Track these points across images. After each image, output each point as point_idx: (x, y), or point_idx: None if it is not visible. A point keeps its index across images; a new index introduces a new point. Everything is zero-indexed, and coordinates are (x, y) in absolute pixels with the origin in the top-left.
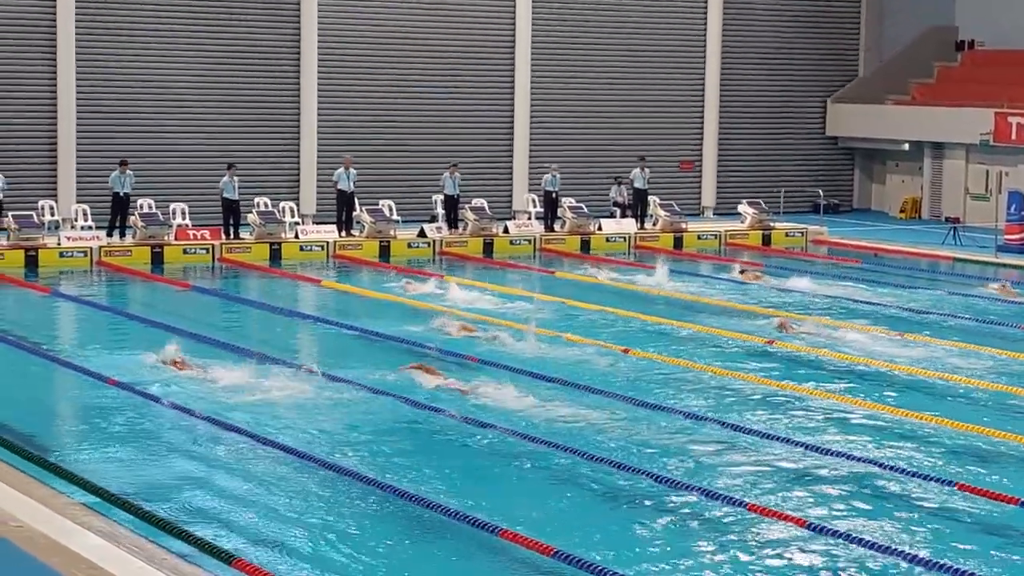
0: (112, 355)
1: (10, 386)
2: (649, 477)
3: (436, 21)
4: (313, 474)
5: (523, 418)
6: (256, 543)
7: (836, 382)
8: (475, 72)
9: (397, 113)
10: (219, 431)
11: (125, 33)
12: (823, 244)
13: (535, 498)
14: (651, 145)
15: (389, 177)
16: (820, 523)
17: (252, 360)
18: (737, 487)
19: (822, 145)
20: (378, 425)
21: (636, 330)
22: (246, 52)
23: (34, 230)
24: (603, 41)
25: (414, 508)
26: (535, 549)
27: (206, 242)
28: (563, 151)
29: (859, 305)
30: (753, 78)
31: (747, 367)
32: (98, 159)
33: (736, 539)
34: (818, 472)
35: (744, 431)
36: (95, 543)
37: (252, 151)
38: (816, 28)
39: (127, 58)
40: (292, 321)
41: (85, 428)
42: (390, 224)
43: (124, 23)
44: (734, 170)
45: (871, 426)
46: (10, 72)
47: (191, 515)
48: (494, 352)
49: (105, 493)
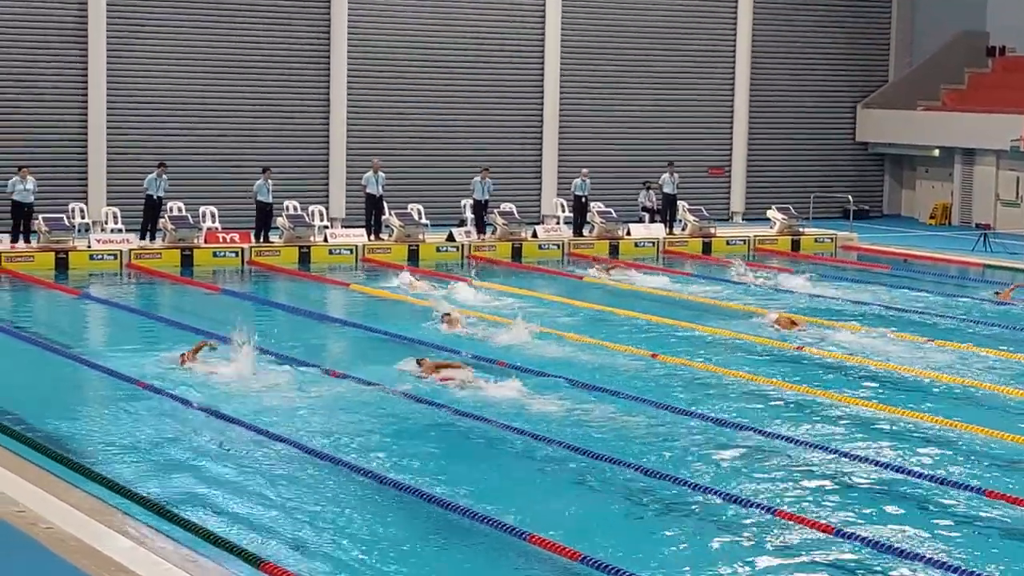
0: (141, 357)
1: (40, 388)
2: (676, 482)
3: (465, 26)
4: (341, 478)
5: (549, 421)
6: (283, 546)
7: (863, 388)
8: (504, 76)
9: (426, 117)
10: (248, 433)
11: (155, 37)
12: (853, 250)
13: (561, 502)
14: (680, 150)
15: (418, 181)
16: (848, 529)
17: (281, 363)
18: (765, 492)
19: (852, 151)
20: (405, 428)
21: (664, 335)
22: (275, 56)
23: (64, 232)
24: (632, 46)
25: (440, 512)
26: (563, 554)
27: (236, 245)
28: (592, 156)
29: (888, 311)
30: (783, 83)
31: (774, 372)
32: (128, 162)
33: (764, 545)
34: (845, 478)
35: (772, 436)
36: (125, 546)
37: (281, 155)
38: (846, 33)
39: (157, 62)
40: (321, 324)
41: (114, 430)
42: (419, 228)
43: (155, 26)
44: (763, 175)
45: (898, 432)
46: (42, 75)
47: (220, 518)
48: (518, 355)
49: (135, 495)
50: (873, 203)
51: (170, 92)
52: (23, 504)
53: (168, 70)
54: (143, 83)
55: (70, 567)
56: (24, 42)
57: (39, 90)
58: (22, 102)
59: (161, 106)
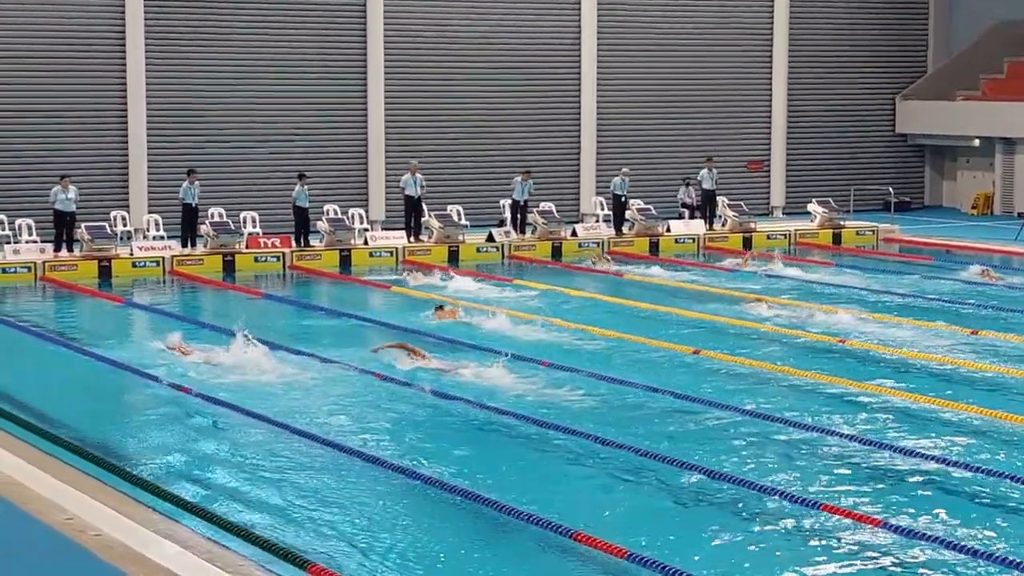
0: (186, 364)
1: (86, 396)
2: (719, 478)
3: (502, 26)
4: (383, 478)
5: (590, 417)
6: (329, 548)
7: (907, 380)
8: (541, 76)
9: (463, 118)
10: (293, 438)
11: (194, 45)
12: (894, 242)
13: (603, 497)
14: (719, 146)
15: (457, 182)
16: (895, 522)
17: (326, 365)
18: (808, 486)
19: (892, 142)
20: (446, 426)
21: (705, 330)
22: (313, 61)
23: (107, 240)
24: (669, 42)
25: (479, 507)
26: (608, 551)
27: (277, 250)
28: (631, 153)
29: (930, 303)
30: (821, 76)
31: (817, 366)
32: (169, 169)
33: (808, 538)
34: (893, 471)
35: (816, 430)
36: (172, 551)
37: (321, 159)
38: (884, 25)
39: (196, 70)
40: (363, 327)
41: (160, 437)
42: (458, 229)
43: (193, 35)
44: (803, 169)
45: (946, 424)
46: (82, 86)
47: (266, 521)
48: (560, 351)
49: (181, 501)
50: (914, 195)
51: (208, 100)
52: (72, 512)
53: (206, 78)
54: (182, 91)
55: (120, 573)
56: (64, 54)
57: (80, 100)
58: (63, 113)
59: (200, 114)
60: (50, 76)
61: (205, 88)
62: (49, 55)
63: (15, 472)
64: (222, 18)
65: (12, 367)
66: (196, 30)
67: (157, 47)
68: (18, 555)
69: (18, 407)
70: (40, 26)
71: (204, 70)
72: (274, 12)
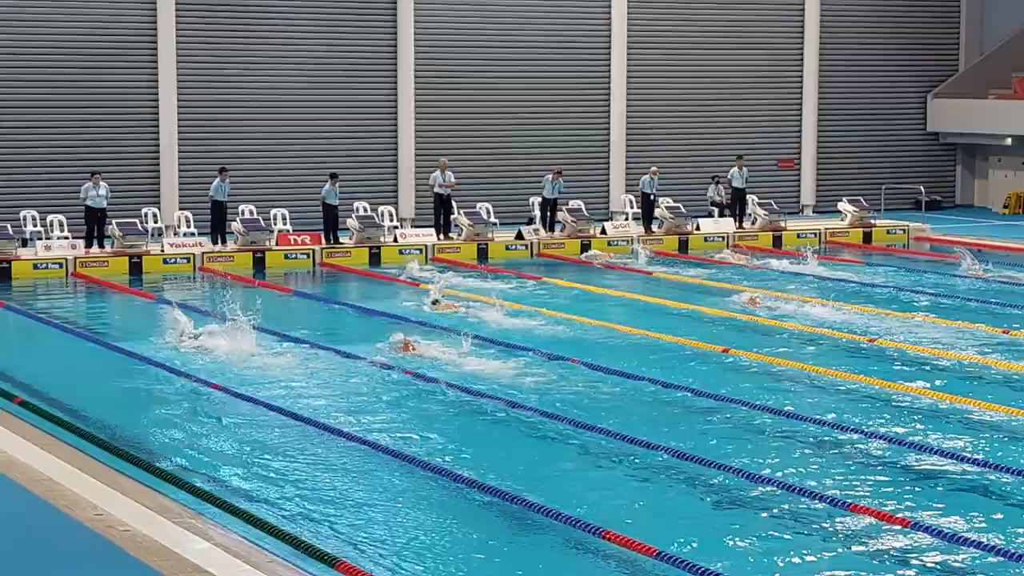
0: (216, 359)
1: (116, 392)
2: (749, 477)
3: (532, 24)
4: (412, 475)
5: (619, 415)
6: (357, 545)
7: (938, 379)
8: (571, 73)
9: (493, 115)
10: (323, 435)
11: (224, 43)
12: (925, 241)
13: (632, 496)
14: (749, 144)
15: (486, 179)
16: (926, 523)
17: (353, 361)
18: (840, 486)
19: (923, 141)
20: (473, 424)
21: (735, 329)
22: (343, 57)
23: (138, 237)
24: (699, 40)
25: (507, 505)
26: (637, 550)
27: (307, 247)
28: (660, 151)
29: (961, 302)
30: (852, 74)
31: (846, 365)
32: (200, 166)
33: (837, 539)
34: (923, 471)
35: (846, 429)
36: (201, 547)
37: (351, 156)
38: (915, 22)
39: (227, 67)
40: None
41: (190, 433)
42: (488, 226)
43: (223, 33)
44: (834, 167)
45: (976, 424)
46: (113, 83)
47: (295, 518)
48: (586, 348)
49: (211, 497)
50: (945, 193)
51: (239, 97)
52: (102, 507)
53: (237, 75)
54: (213, 89)
55: (149, 570)
56: (95, 51)
57: (112, 97)
58: (95, 109)
59: (231, 111)
60: (82, 73)
61: (236, 86)
62: (81, 52)
63: (44, 467)
64: (253, 15)
65: (43, 363)
66: (227, 27)
67: (188, 44)
68: (48, 551)
69: (49, 403)
70: (73, 23)
71: (235, 68)
72: (305, 10)
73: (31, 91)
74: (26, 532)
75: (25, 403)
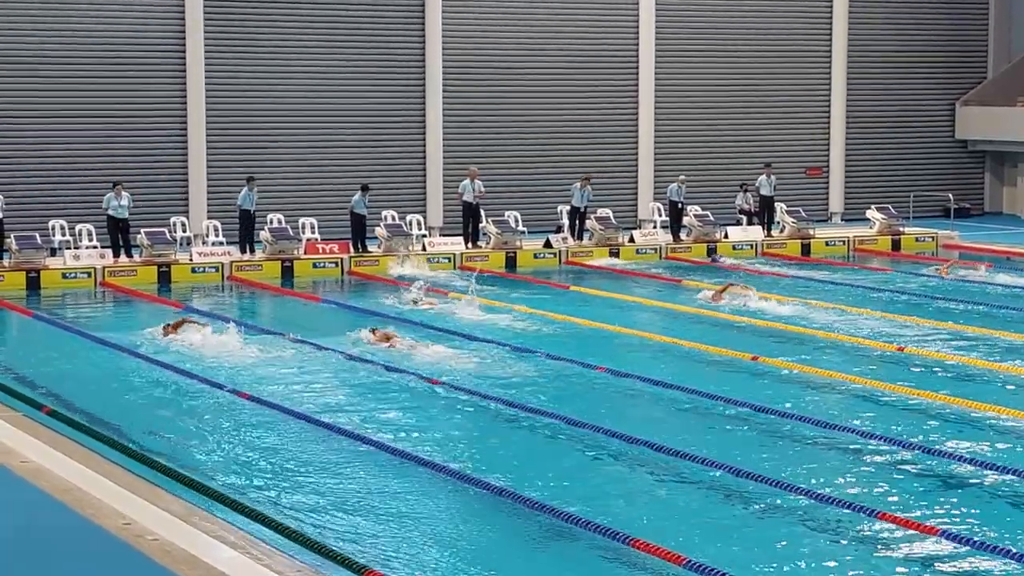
0: (245, 368)
1: (144, 400)
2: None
3: (560, 33)
4: (441, 484)
5: (646, 423)
6: (383, 555)
7: (965, 386)
8: (599, 82)
9: (521, 124)
10: (350, 442)
11: (253, 52)
12: (954, 249)
13: (660, 504)
14: (777, 152)
15: (515, 188)
16: (954, 531)
17: (384, 371)
18: (869, 495)
19: (951, 148)
20: (497, 430)
21: (765, 337)
22: (372, 66)
23: (166, 246)
24: (727, 47)
25: (534, 512)
26: (666, 558)
27: (335, 256)
28: (688, 159)
29: (992, 309)
30: (880, 82)
31: (879, 373)
32: (228, 175)
33: (862, 547)
34: (950, 478)
35: (874, 437)
36: (228, 556)
37: (379, 165)
38: (943, 30)
39: (255, 76)
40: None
41: (217, 441)
42: (516, 235)
43: (252, 43)
44: (862, 175)
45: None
46: (142, 92)
47: (323, 527)
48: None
49: (238, 505)
50: (974, 201)
51: (267, 105)
52: (129, 516)
53: (266, 83)
54: (241, 98)
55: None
56: (124, 61)
57: (140, 106)
58: (123, 118)
59: (259, 120)
60: (111, 82)
61: (264, 94)
62: (110, 61)
63: (72, 476)
64: (281, 24)
65: (71, 372)
66: (255, 37)
67: (217, 54)
68: (76, 560)
69: (76, 411)
70: (100, 33)
71: (263, 76)
72: (334, 20)
73: (59, 101)
74: (54, 543)
75: (53, 412)
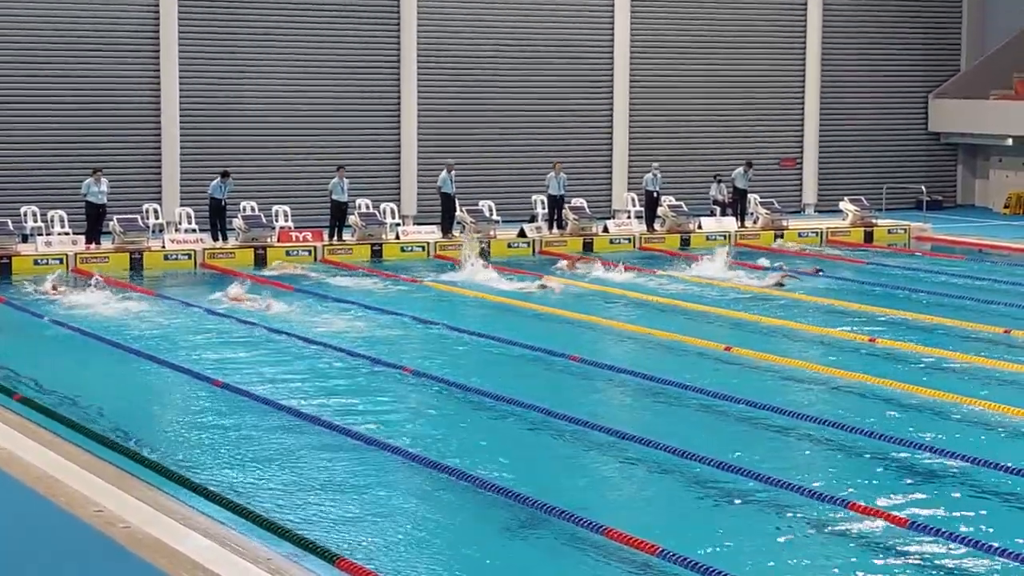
0: (218, 355)
1: (116, 388)
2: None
3: (535, 23)
4: (415, 471)
5: (624, 414)
6: (358, 543)
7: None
8: (574, 72)
9: (496, 113)
10: (323, 431)
11: (227, 38)
12: (926, 241)
13: (633, 493)
14: (751, 143)
15: (489, 177)
16: (924, 523)
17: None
18: (840, 485)
19: (924, 141)
20: (478, 421)
21: (744, 328)
22: (347, 54)
23: (139, 233)
24: (702, 39)
25: (507, 501)
26: (639, 547)
27: (308, 244)
28: (662, 149)
29: (965, 302)
30: (854, 74)
31: (852, 364)
32: (202, 163)
33: (838, 537)
34: (921, 469)
35: (856, 431)
36: (202, 544)
37: (353, 153)
38: (917, 23)
39: (230, 64)
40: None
41: (191, 429)
42: (490, 224)
43: (226, 30)
44: (836, 167)
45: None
46: (115, 78)
47: (296, 515)
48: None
49: (211, 494)
50: (946, 193)
51: (241, 93)
52: (102, 504)
53: (240, 71)
54: (215, 85)
55: (149, 567)
56: (97, 46)
57: (113, 93)
58: (96, 105)
59: (233, 107)
60: (84, 68)
61: (238, 82)
62: (83, 47)
63: (45, 464)
64: (256, 11)
65: (42, 359)
66: (230, 23)
67: (191, 41)
68: (48, 547)
69: (48, 399)
70: (75, 19)
71: (237, 64)
72: (308, 7)
73: (32, 87)
74: (26, 530)
75: (25, 399)
